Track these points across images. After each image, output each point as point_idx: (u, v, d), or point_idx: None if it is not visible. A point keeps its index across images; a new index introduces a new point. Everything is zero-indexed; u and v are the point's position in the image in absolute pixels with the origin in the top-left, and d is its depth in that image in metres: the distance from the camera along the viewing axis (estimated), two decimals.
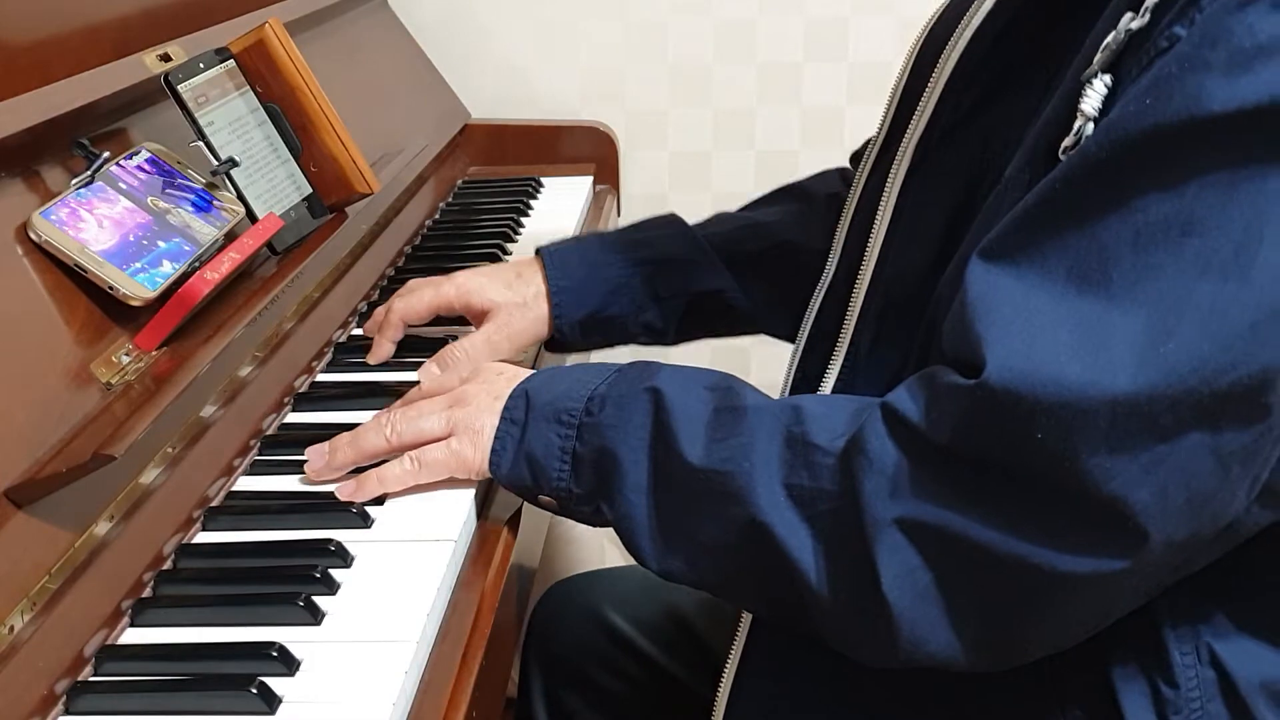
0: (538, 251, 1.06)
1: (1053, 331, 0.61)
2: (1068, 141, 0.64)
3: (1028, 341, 0.61)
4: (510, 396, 0.81)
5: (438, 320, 1.07)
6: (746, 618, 0.82)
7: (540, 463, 0.79)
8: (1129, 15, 0.62)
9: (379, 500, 0.84)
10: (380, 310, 1.07)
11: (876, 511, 0.65)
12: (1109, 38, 0.63)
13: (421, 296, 1.04)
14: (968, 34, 0.75)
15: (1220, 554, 0.66)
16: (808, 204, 1.09)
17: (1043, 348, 0.60)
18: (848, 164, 1.13)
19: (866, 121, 1.90)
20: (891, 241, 0.80)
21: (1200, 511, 0.61)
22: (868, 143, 1.07)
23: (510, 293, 1.03)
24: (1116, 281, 0.60)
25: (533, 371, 0.85)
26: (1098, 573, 0.62)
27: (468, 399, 0.83)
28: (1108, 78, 0.63)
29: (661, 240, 1.07)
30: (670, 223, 1.10)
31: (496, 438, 0.81)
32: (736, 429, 0.73)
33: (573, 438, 0.78)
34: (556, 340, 1.05)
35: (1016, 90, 0.73)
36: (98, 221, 0.83)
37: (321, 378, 1.04)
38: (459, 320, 1.06)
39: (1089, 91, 0.63)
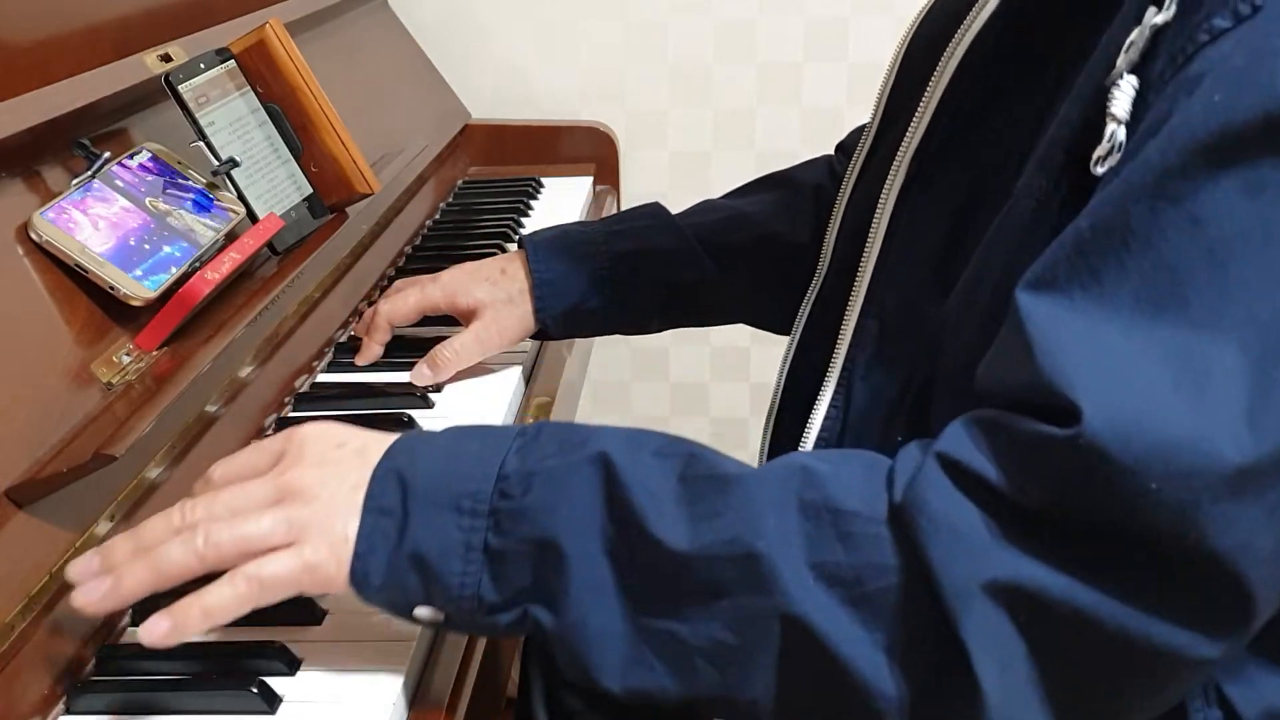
0: (520, 242, 1.06)
1: (1142, 368, 0.54)
2: (1101, 150, 0.59)
3: (1122, 383, 0.54)
4: (374, 479, 0.64)
5: (426, 321, 1.06)
6: None
7: (433, 565, 0.62)
8: (1152, 10, 0.58)
9: None
10: (368, 312, 1.07)
11: (959, 579, 0.56)
12: (1133, 34, 0.58)
13: (407, 298, 1.04)
14: (967, 40, 0.71)
15: None
16: (793, 194, 1.08)
17: (1140, 388, 0.54)
18: (834, 153, 1.12)
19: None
20: (887, 256, 0.76)
21: None
22: (854, 132, 1.05)
23: (496, 290, 1.02)
24: (1195, 304, 0.54)
25: (388, 438, 0.67)
26: (1205, 651, 0.56)
27: (307, 489, 0.64)
28: (1134, 79, 0.58)
29: (644, 230, 1.05)
30: (653, 213, 1.08)
31: (361, 537, 0.63)
32: (729, 501, 0.61)
33: (482, 529, 0.62)
34: (541, 333, 1.04)
35: (1018, 98, 0.70)
36: (98, 222, 0.83)
37: (322, 378, 1.04)
38: (446, 320, 1.06)
39: (1116, 94, 0.58)
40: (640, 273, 1.04)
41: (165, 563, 0.63)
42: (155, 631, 0.62)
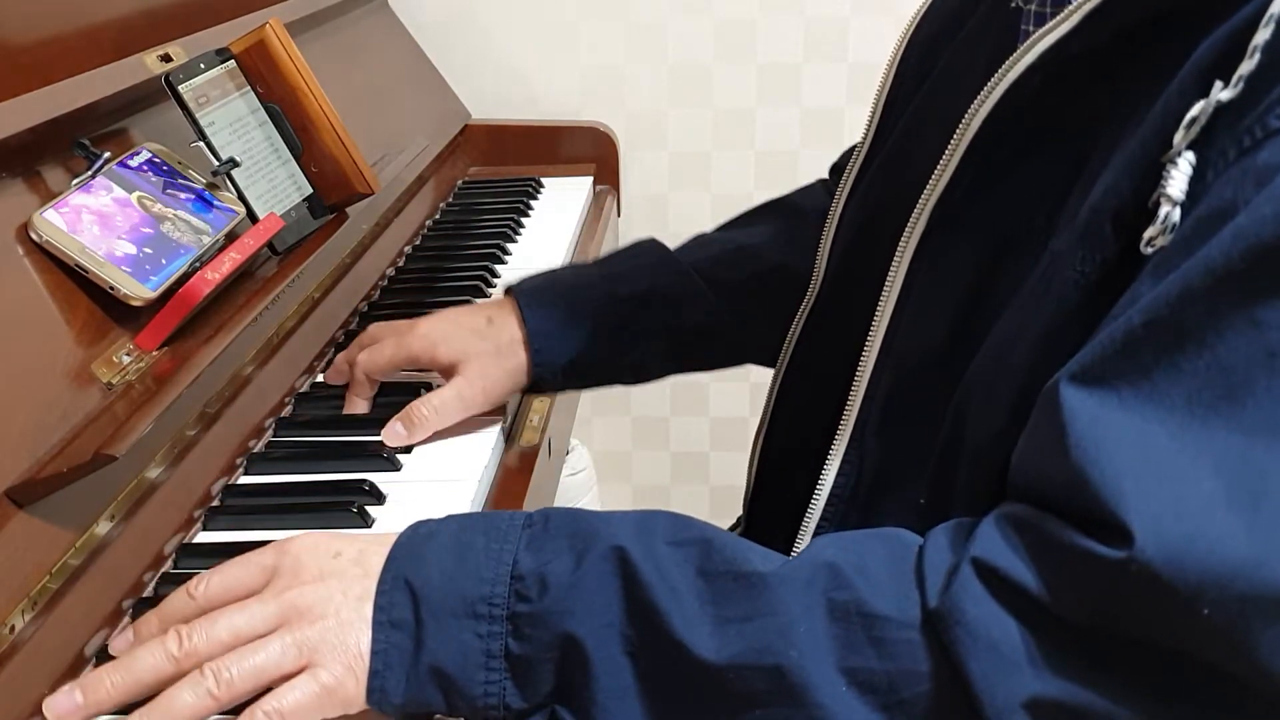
0: (508, 291, 0.97)
1: (1195, 481, 0.52)
2: (1152, 231, 0.56)
3: (1173, 498, 0.52)
4: (381, 590, 0.61)
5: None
6: None
7: (454, 677, 0.60)
8: (1218, 85, 0.55)
9: (379, 498, 0.84)
10: (341, 360, 1.00)
11: (1000, 696, 0.54)
12: (1196, 110, 0.55)
13: (383, 350, 0.95)
14: (1002, 88, 0.66)
15: None
16: (797, 222, 1.01)
17: (1193, 506, 0.51)
18: (828, 175, 1.07)
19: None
20: (905, 305, 0.72)
21: None
22: (846, 154, 1.00)
23: (482, 342, 0.93)
24: (1252, 409, 0.51)
25: (386, 541, 0.64)
26: None
27: (312, 607, 0.62)
28: (1191, 155, 0.55)
29: (644, 272, 0.98)
30: (651, 251, 1.00)
31: (376, 654, 0.60)
32: (756, 606, 0.59)
33: (501, 635, 0.60)
34: (537, 385, 0.96)
35: (1050, 151, 0.66)
36: (98, 222, 0.83)
37: (322, 377, 1.04)
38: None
39: (1174, 173, 0.55)
40: (645, 317, 0.96)
41: (179, 710, 0.59)
42: None
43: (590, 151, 1.70)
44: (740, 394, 1.92)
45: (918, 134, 0.79)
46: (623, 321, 0.96)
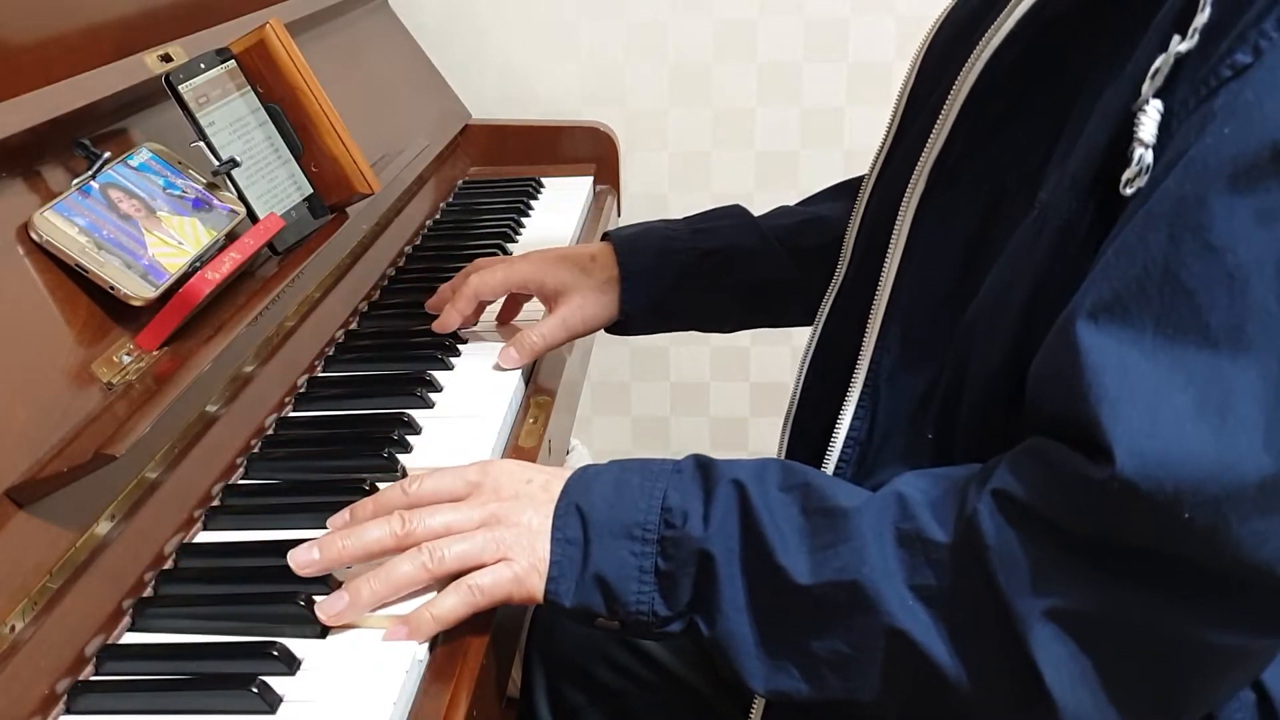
0: (605, 236, 1.09)
1: (1167, 397, 0.57)
2: (1129, 173, 0.61)
3: (1148, 417, 0.58)
4: (557, 514, 0.74)
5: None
6: None
7: (614, 586, 0.72)
8: (1176, 38, 0.60)
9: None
10: (446, 288, 1.10)
11: (1023, 606, 0.62)
12: (1158, 61, 0.61)
13: (495, 273, 1.06)
14: (987, 52, 0.72)
15: None
16: None
17: (1166, 421, 0.57)
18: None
19: (866, 121, 1.91)
20: (909, 263, 0.78)
21: None
22: None
23: (586, 277, 1.05)
24: (1215, 328, 0.57)
25: (564, 475, 0.77)
26: (1260, 646, 0.61)
27: (509, 515, 0.75)
28: (1158, 103, 0.61)
29: (728, 230, 1.09)
30: (736, 214, 1.11)
31: (553, 562, 0.73)
32: (841, 534, 0.68)
33: (653, 555, 0.72)
34: (620, 324, 1.07)
35: (1037, 110, 0.71)
36: (99, 221, 0.83)
37: (322, 376, 1.04)
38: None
39: (1143, 119, 0.61)
40: (725, 271, 1.06)
41: (398, 576, 0.72)
42: (397, 635, 0.71)
43: (590, 151, 1.70)
44: (740, 394, 1.92)
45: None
46: (705, 274, 1.06)
